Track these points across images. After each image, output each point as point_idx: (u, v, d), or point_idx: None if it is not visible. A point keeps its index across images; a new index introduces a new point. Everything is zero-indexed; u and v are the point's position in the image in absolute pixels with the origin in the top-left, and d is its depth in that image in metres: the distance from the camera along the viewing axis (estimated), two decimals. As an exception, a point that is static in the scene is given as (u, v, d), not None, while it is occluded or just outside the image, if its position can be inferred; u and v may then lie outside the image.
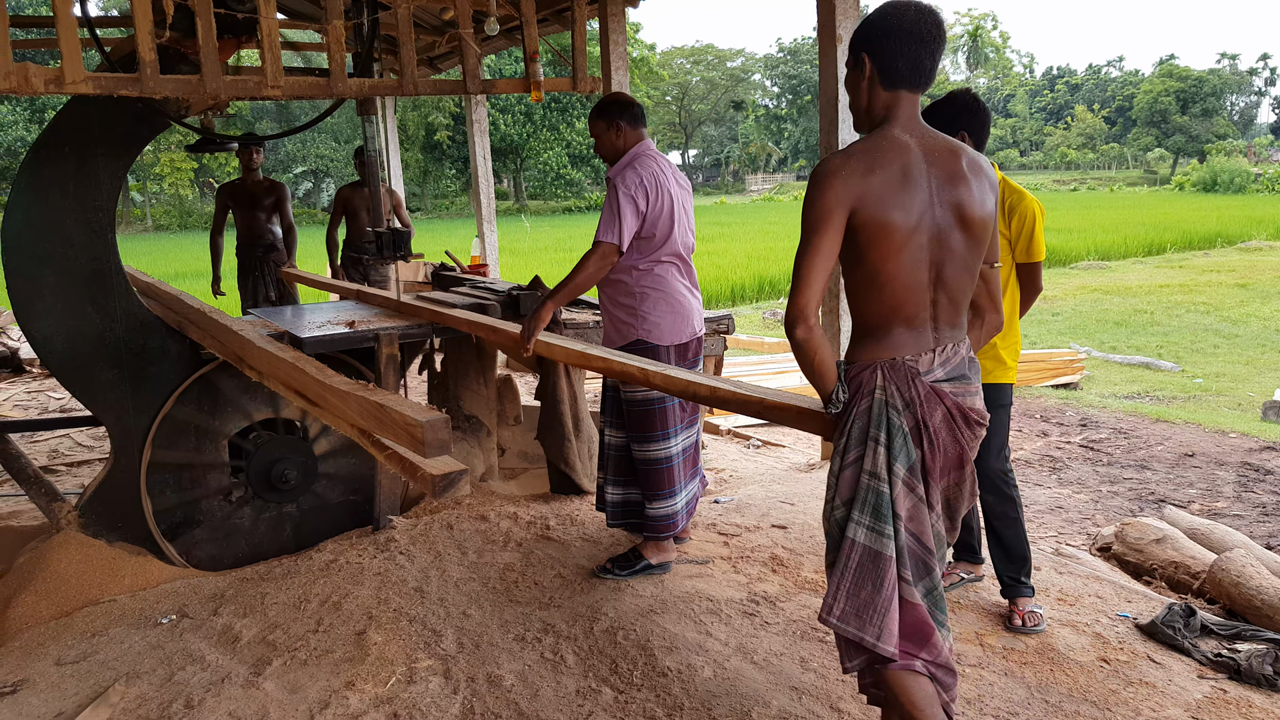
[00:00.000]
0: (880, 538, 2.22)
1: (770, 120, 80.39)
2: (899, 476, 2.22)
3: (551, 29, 7.36)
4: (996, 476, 3.50)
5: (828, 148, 5.00)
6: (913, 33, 2.19)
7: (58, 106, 5.22)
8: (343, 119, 45.33)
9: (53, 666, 3.33)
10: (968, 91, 3.43)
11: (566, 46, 5.29)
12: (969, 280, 2.30)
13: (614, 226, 3.66)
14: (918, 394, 2.22)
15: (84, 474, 6.02)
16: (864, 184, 2.14)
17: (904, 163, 2.18)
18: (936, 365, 2.26)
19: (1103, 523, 5.52)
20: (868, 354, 2.27)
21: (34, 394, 8.81)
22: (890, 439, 2.22)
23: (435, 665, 3.20)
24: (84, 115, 3.98)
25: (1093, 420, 7.86)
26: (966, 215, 2.22)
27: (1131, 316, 13.61)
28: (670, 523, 3.89)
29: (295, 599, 3.73)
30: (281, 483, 4.43)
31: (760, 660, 3.20)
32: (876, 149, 2.19)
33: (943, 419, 2.24)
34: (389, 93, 4.30)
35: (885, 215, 2.14)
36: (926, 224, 2.19)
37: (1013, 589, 3.52)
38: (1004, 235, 3.38)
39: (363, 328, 4.44)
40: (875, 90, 2.26)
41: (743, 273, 18.46)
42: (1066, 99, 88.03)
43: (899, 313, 2.23)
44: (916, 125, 2.25)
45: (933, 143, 2.25)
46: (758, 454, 6.24)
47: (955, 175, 2.22)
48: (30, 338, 4.01)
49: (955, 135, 3.34)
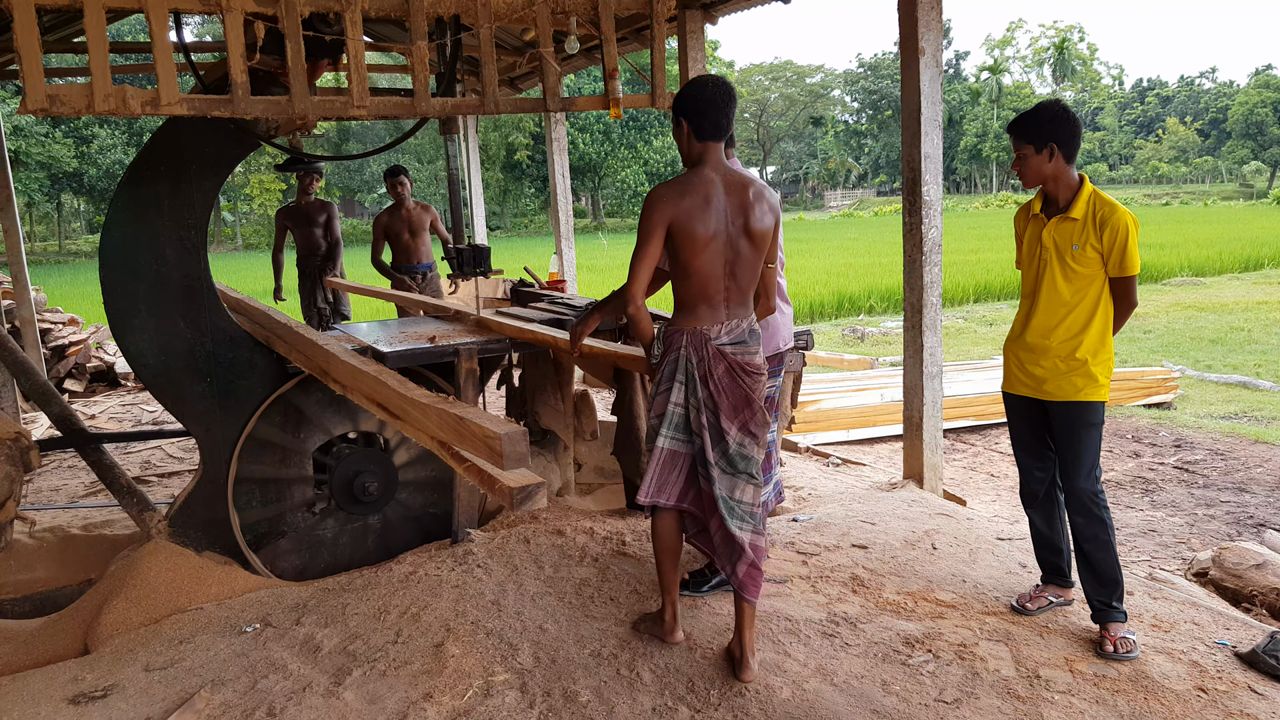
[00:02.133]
0: (680, 444, 3.22)
1: (850, 136, 79.82)
2: (693, 406, 3.17)
3: (630, 47, 7.40)
4: (1086, 497, 3.38)
5: (910, 160, 4.92)
6: (711, 101, 3.09)
7: (154, 130, 5.41)
8: (425, 140, 46.26)
9: (141, 672, 3.41)
10: (1057, 103, 3.38)
11: (645, 65, 5.31)
12: (753, 276, 3.18)
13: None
14: (707, 353, 3.13)
15: (174, 485, 6.19)
16: (678, 206, 3.03)
17: (707, 192, 3.07)
18: (724, 334, 3.15)
19: (1199, 547, 5.31)
20: (678, 323, 3.18)
21: (128, 407, 9.13)
22: (687, 381, 3.16)
23: (512, 679, 3.20)
24: (178, 136, 4.11)
25: (1187, 441, 7.57)
26: (751, 229, 3.10)
27: (1227, 334, 13.11)
28: None
29: (375, 610, 3.78)
30: (363, 495, 4.50)
31: (840, 682, 3.13)
32: (689, 182, 3.08)
33: (725, 370, 3.14)
34: (471, 111, 4.36)
35: (692, 228, 3.03)
36: (721, 235, 3.07)
37: (1104, 614, 3.39)
38: (1095, 249, 3.31)
39: (443, 342, 4.50)
40: (691, 142, 3.15)
41: (822, 289, 18.27)
42: (1157, 111, 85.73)
43: (701, 296, 3.12)
44: (720, 165, 3.15)
45: (731, 178, 3.12)
46: (837, 472, 6.15)
47: (744, 201, 3.10)
48: (125, 351, 4.14)
49: (1044, 146, 3.30)
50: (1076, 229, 3.34)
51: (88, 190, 45.11)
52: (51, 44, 6.84)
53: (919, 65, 4.79)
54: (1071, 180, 3.39)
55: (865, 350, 12.93)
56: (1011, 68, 79.16)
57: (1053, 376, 3.42)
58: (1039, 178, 3.40)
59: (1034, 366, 3.47)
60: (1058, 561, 3.68)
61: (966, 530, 4.54)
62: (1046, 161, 3.36)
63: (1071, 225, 3.36)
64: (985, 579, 3.97)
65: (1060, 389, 3.41)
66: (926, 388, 5.11)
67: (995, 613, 3.64)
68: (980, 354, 12.07)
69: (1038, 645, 3.37)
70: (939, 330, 5.11)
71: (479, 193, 10.76)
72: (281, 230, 8.48)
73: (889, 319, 16.03)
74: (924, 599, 3.77)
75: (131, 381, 10.18)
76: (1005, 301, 17.76)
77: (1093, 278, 3.34)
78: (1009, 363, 3.61)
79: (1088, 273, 3.34)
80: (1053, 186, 3.41)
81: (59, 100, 3.46)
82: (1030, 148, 3.36)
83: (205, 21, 41.21)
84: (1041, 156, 3.36)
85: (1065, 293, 3.38)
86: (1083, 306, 3.37)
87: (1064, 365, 3.40)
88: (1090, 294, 3.36)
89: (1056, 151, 3.33)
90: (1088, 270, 3.34)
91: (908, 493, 5.14)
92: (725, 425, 3.16)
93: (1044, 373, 3.45)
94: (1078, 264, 3.34)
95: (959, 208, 57.53)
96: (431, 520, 4.71)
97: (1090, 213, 3.32)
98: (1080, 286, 3.36)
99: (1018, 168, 3.44)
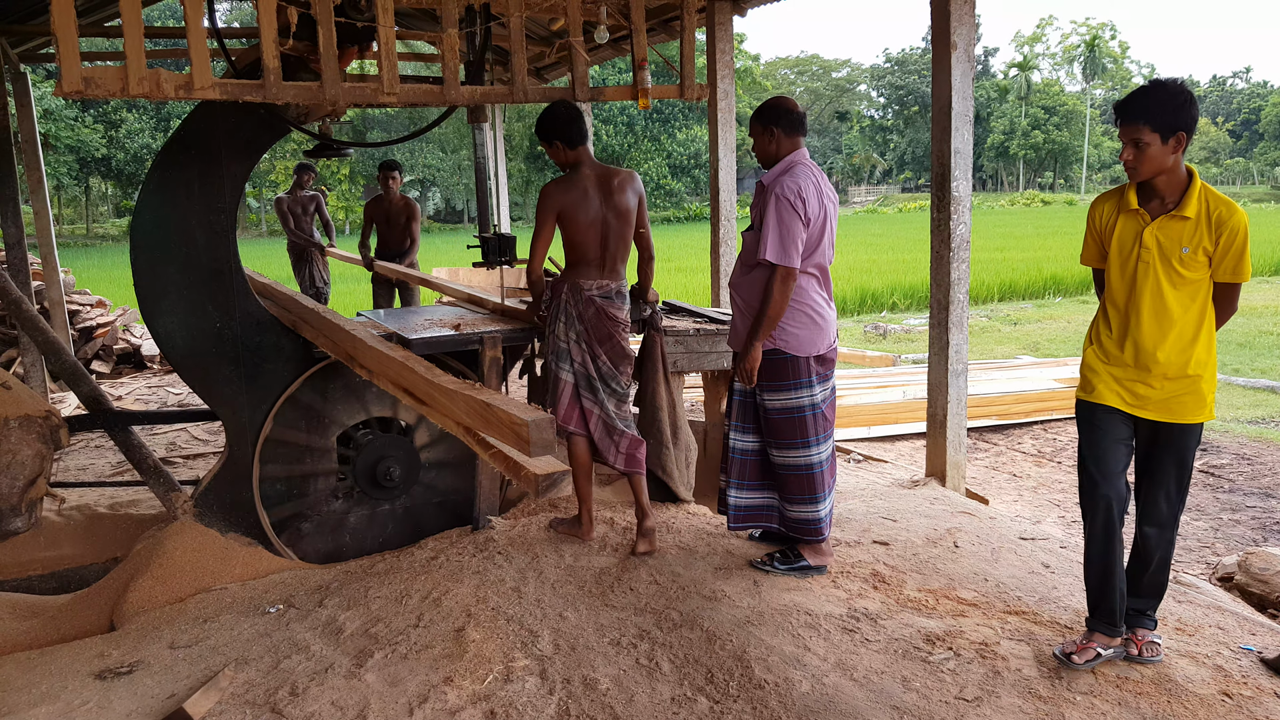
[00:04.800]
0: (566, 373, 4.20)
1: (875, 131, 79.36)
2: (572, 340, 4.18)
3: (658, 38, 7.39)
4: (1174, 518, 3.17)
5: (940, 155, 4.90)
6: (571, 119, 4.11)
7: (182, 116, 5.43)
8: (450, 130, 46.37)
9: (166, 650, 3.45)
10: (1178, 82, 2.92)
11: (672, 56, 5.30)
12: (624, 246, 4.22)
13: (787, 248, 3.70)
14: (582, 300, 4.15)
15: (199, 466, 6.25)
16: (565, 198, 4.09)
17: (584, 186, 4.12)
18: (595, 289, 4.16)
19: (1224, 551, 5.27)
20: (564, 279, 4.21)
21: (154, 389, 9.22)
22: (567, 322, 4.18)
23: (532, 665, 3.21)
24: (210, 120, 4.14)
25: (1213, 445, 7.50)
26: (619, 210, 4.15)
27: (1256, 338, 12.97)
28: (816, 527, 3.93)
29: (397, 594, 3.80)
30: (386, 480, 4.52)
31: (860, 677, 3.12)
32: (571, 179, 4.14)
33: (594, 314, 4.15)
34: (499, 100, 4.37)
35: (574, 214, 4.09)
36: (597, 217, 4.11)
37: (1136, 619, 3.25)
38: (1206, 252, 2.94)
39: (468, 330, 4.51)
40: (565, 152, 4.15)
41: (844, 285, 18.17)
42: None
43: (581, 260, 4.17)
44: (591, 163, 4.20)
45: (601, 172, 4.19)
46: (859, 469, 6.13)
47: (612, 189, 4.15)
48: (154, 333, 4.18)
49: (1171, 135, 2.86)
50: (1188, 229, 2.93)
51: (115, 174, 45.49)
52: (84, 27, 6.90)
53: (951, 59, 4.76)
54: (1182, 173, 2.97)
55: (887, 347, 12.87)
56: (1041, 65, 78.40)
57: (1163, 396, 3.05)
58: (1158, 170, 2.93)
59: (1138, 385, 3.08)
60: (1111, 602, 3.22)
61: (989, 529, 4.52)
62: (1170, 152, 2.90)
63: (1182, 225, 2.94)
64: (1008, 578, 3.95)
65: (1171, 410, 3.05)
66: (951, 385, 5.09)
67: (1018, 612, 3.62)
68: (1004, 353, 11.99)
69: (1060, 646, 3.35)
70: (965, 327, 5.08)
71: (504, 183, 10.78)
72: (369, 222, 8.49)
73: (911, 316, 15.96)
74: (945, 597, 3.76)
75: (158, 364, 10.27)
76: (1030, 301, 17.64)
77: (1200, 283, 2.98)
78: (1098, 372, 3.17)
79: (1196, 278, 2.97)
80: (1164, 179, 2.96)
81: (94, 82, 3.49)
82: (1154, 135, 2.87)
83: (234, 8, 41.48)
84: (1167, 147, 2.89)
85: (1172, 302, 2.99)
86: (1189, 316, 3.00)
87: (1175, 385, 3.03)
88: (1199, 302, 3.00)
89: (1183, 141, 2.88)
90: (1196, 275, 2.97)
91: (930, 490, 5.12)
92: (596, 350, 4.17)
93: (1152, 392, 3.07)
94: (1187, 269, 2.95)
95: (985, 206, 57.09)
96: (453, 507, 4.74)
97: (1204, 211, 2.92)
98: (1188, 294, 2.99)
99: (1130, 157, 2.94)
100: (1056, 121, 70.14)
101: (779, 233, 3.69)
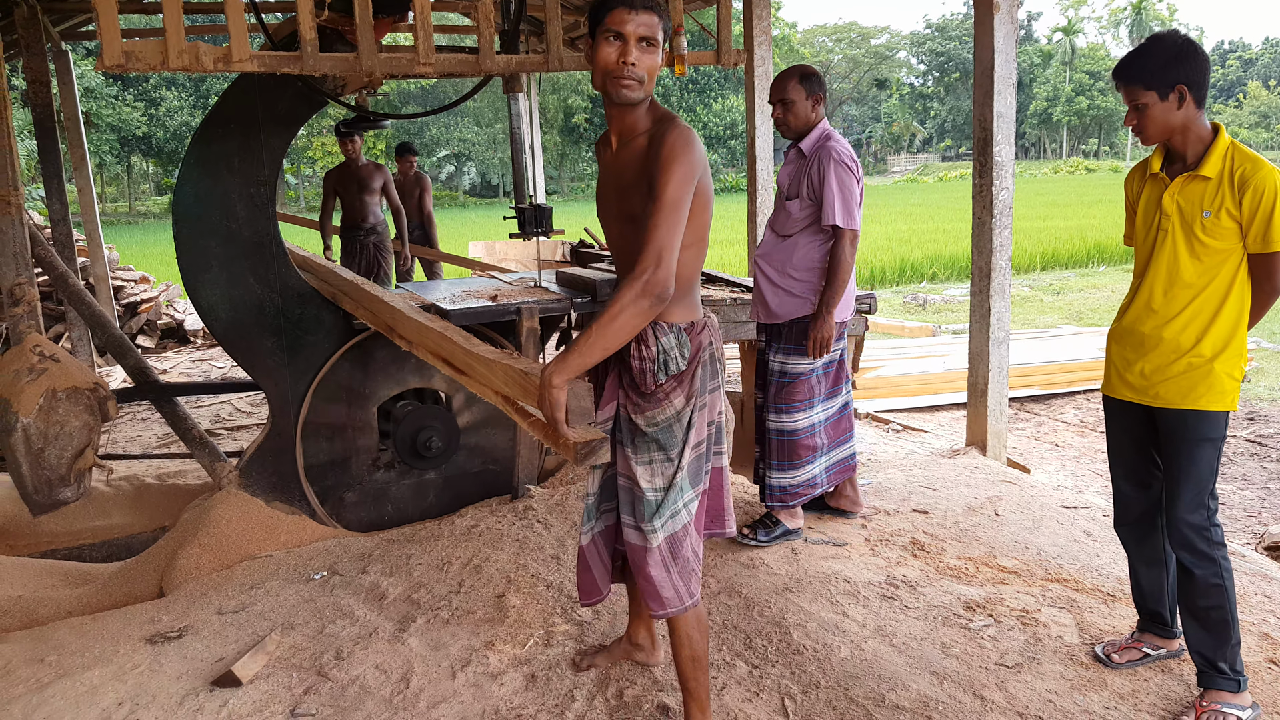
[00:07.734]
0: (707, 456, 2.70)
1: (915, 99, 78.26)
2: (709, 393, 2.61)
3: (695, 5, 7.31)
4: (1191, 531, 2.71)
5: (982, 119, 4.82)
6: None
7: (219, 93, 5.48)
8: (484, 103, 46.32)
9: (214, 615, 3.52)
10: (1175, 33, 2.67)
11: (709, 23, 5.24)
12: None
13: (853, 211, 3.76)
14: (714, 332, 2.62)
15: (243, 438, 6.34)
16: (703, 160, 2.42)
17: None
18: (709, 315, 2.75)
19: (1270, 521, 5.19)
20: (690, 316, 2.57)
21: (198, 362, 9.35)
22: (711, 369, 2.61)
23: (571, 630, 3.24)
24: (248, 94, 4.16)
25: (1261, 414, 7.37)
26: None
27: (1306, 305, 12.70)
28: (790, 492, 3.97)
29: (438, 561, 3.84)
30: (426, 450, 4.57)
31: (899, 643, 3.12)
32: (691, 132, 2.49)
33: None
34: (535, 68, 4.35)
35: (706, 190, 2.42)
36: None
37: (1206, 677, 2.75)
38: (1232, 217, 2.60)
39: (505, 301, 4.53)
40: None
41: (883, 255, 18.01)
42: (1239, 75, 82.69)
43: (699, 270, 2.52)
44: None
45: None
46: (898, 438, 6.10)
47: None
48: (197, 306, 4.24)
49: (1169, 91, 2.61)
50: (1209, 190, 2.63)
51: (156, 152, 45.95)
52: (124, 4, 6.95)
53: (994, 21, 4.67)
54: (1203, 131, 2.66)
55: (927, 318, 12.75)
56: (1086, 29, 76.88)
57: (1164, 377, 2.72)
58: (1165, 131, 2.67)
59: (1141, 363, 2.76)
60: (1156, 607, 3.01)
61: (1030, 498, 4.48)
62: (1174, 109, 2.63)
63: (1202, 186, 2.64)
64: (1049, 546, 3.92)
65: (1170, 393, 2.71)
66: (993, 353, 5.03)
67: (1059, 579, 3.59)
68: (1046, 323, 11.83)
69: (1102, 613, 3.32)
70: (1007, 295, 5.02)
71: (539, 155, 10.77)
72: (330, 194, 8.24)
73: (951, 286, 15.78)
74: (985, 564, 3.74)
75: (201, 338, 10.42)
76: (1073, 270, 17.37)
77: (1228, 253, 2.63)
78: (1111, 358, 2.91)
79: (1222, 247, 2.63)
80: (1180, 139, 2.68)
81: (134, 56, 3.51)
82: (1151, 94, 2.63)
83: (270, -16, 41.50)
84: (1168, 104, 2.62)
85: (1190, 272, 2.67)
86: (1212, 290, 2.66)
87: (1180, 363, 2.68)
88: (1224, 274, 2.64)
89: (1187, 95, 2.60)
90: (1222, 244, 2.62)
91: (970, 459, 5.08)
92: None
93: (1154, 371, 2.74)
94: (1209, 235, 2.63)
95: (1027, 174, 56.20)
96: (492, 476, 4.77)
97: (1227, 170, 2.61)
98: (1211, 264, 2.65)
99: (1135, 122, 2.69)
100: (1101, 87, 68.66)
101: (842, 196, 3.72)
